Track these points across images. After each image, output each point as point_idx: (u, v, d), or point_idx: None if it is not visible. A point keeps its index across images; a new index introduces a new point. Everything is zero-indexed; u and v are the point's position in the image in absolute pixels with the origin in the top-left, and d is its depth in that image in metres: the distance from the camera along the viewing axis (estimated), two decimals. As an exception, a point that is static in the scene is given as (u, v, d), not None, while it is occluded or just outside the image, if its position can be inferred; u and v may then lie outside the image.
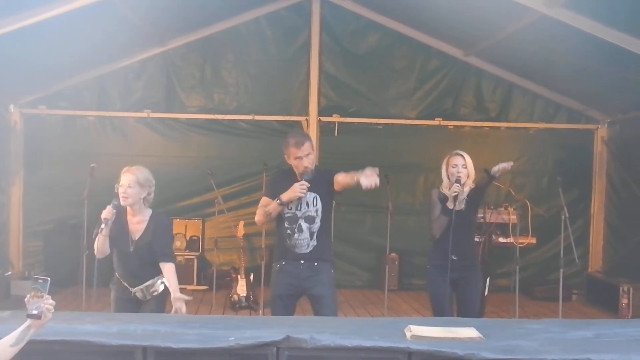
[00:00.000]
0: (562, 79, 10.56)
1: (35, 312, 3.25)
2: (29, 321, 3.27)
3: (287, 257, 5.52)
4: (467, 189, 5.95)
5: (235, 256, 10.38)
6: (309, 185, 5.38)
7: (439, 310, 5.91)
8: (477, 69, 11.42)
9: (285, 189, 5.43)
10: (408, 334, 3.86)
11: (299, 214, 5.49)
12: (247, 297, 9.45)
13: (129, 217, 5.32)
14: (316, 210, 5.52)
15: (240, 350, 3.62)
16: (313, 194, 5.49)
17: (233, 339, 3.69)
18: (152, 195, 5.33)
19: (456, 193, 5.80)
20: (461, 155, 5.96)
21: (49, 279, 3.31)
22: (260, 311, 8.58)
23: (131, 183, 5.18)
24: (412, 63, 11.47)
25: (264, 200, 5.60)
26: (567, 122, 11.53)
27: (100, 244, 5.20)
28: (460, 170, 5.88)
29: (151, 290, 5.28)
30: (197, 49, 11.32)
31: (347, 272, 11.28)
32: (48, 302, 3.29)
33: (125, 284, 5.30)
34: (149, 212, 5.34)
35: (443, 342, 3.72)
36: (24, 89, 10.67)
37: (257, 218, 5.64)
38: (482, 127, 11.49)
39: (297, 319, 5.34)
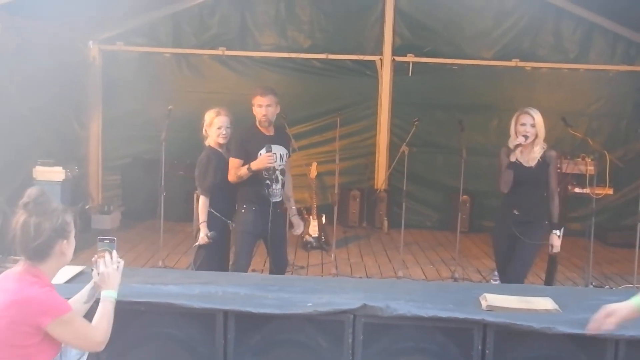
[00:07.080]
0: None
1: None
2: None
3: (259, 203, 5.93)
4: (537, 149, 5.89)
5: (306, 194, 10.39)
6: (274, 154, 5.86)
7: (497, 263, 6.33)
8: (557, 8, 10.98)
9: (253, 146, 5.91)
10: (484, 304, 3.89)
11: (276, 166, 5.96)
12: (318, 238, 9.58)
13: None
14: (286, 164, 6.16)
15: (318, 316, 3.71)
16: (284, 150, 6.09)
17: (311, 304, 3.78)
18: None
19: (518, 144, 5.78)
20: (530, 115, 5.83)
21: (115, 238, 3.42)
22: (332, 253, 8.66)
23: (228, 124, 6.02)
24: (489, 1, 11.08)
25: (234, 162, 5.95)
26: (649, 64, 11.10)
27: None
28: (527, 130, 5.79)
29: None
30: (272, -14, 11.20)
31: (417, 212, 11.23)
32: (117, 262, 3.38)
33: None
34: None
35: (519, 315, 3.74)
36: (102, 26, 10.79)
37: (230, 179, 5.95)
38: (560, 68, 11.14)
39: (371, 282, 5.48)
